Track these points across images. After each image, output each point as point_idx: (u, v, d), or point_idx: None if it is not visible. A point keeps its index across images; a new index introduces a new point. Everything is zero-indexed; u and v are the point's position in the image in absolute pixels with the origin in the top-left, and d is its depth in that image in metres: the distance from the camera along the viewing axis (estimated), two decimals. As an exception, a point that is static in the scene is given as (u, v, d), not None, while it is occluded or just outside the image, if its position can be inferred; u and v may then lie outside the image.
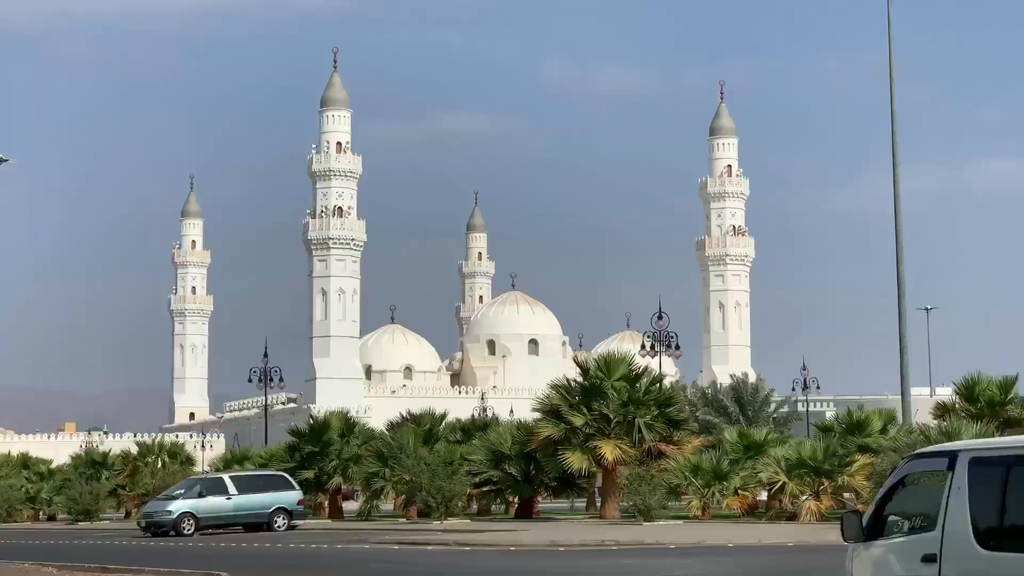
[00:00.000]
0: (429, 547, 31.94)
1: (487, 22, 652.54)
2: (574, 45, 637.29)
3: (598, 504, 45.54)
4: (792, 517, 35.54)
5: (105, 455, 66.18)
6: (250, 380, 77.12)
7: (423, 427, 48.84)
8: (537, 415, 42.98)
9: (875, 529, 11.20)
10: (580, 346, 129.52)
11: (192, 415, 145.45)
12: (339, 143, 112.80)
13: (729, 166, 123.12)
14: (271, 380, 76.57)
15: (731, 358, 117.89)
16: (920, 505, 10.96)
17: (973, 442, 11.93)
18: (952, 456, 10.60)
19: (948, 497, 10.41)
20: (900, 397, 44.64)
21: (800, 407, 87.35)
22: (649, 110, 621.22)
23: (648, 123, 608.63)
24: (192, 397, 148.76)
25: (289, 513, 44.19)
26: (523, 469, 43.95)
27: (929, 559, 10.42)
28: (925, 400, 63.64)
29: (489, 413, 76.82)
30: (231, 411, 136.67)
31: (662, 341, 58.61)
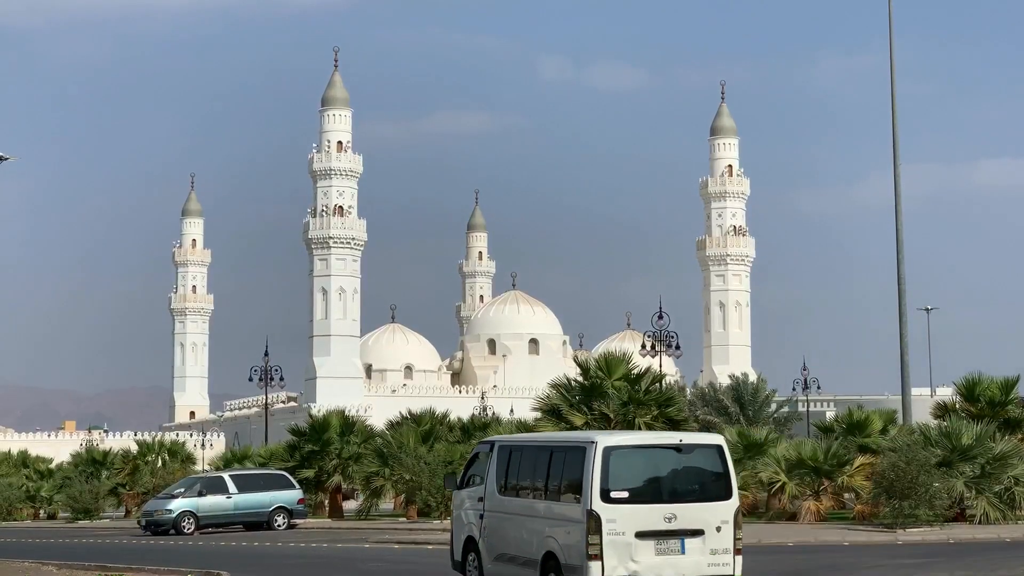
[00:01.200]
0: (429, 546, 31.95)
1: (487, 21, 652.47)
2: (575, 45, 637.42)
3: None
4: (792, 517, 35.54)
5: (105, 454, 66.17)
6: (250, 379, 77.21)
7: (423, 426, 48.84)
8: (537, 414, 42.93)
9: (463, 483, 20.35)
10: (580, 346, 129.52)
11: (192, 414, 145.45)
12: (340, 142, 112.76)
13: (730, 166, 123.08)
14: (271, 379, 76.61)
15: (731, 358, 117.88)
16: (479, 469, 19.83)
17: (502, 436, 22.43)
18: (492, 443, 19.80)
19: (488, 465, 19.44)
20: (900, 397, 44.64)
21: (800, 407, 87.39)
22: (650, 109, 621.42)
23: (649, 123, 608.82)
24: (192, 396, 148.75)
25: (289, 512, 44.22)
26: (523, 468, 43.96)
27: (481, 498, 19.47)
28: (925, 400, 63.64)
29: (489, 412, 76.83)
30: (231, 410, 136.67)
31: (662, 341, 58.61)
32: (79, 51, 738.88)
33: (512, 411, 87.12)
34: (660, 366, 52.18)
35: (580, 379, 41.91)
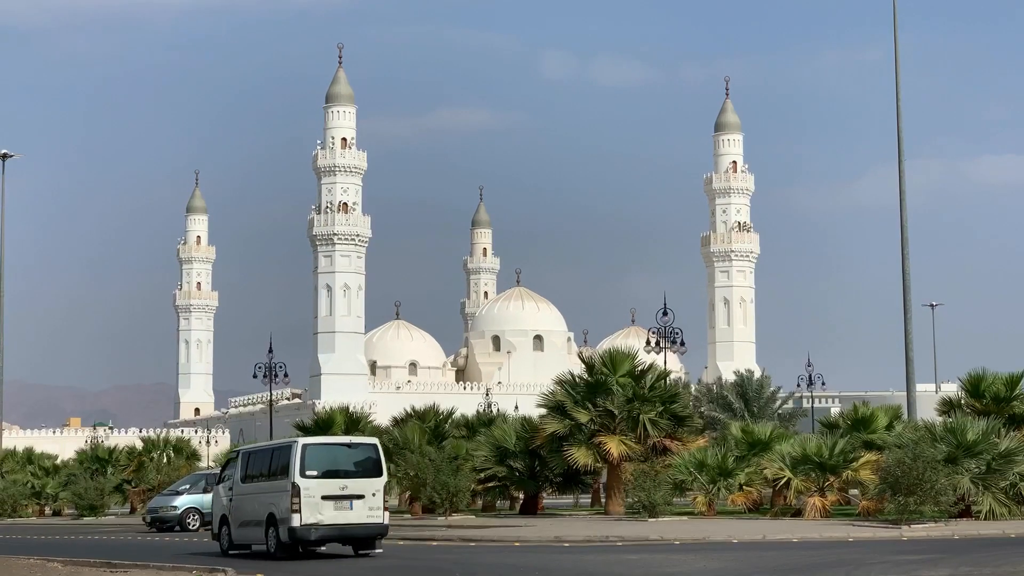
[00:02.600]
0: (434, 542, 31.95)
1: (491, 17, 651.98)
2: (578, 41, 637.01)
3: (603, 500, 45.53)
4: (797, 513, 35.51)
5: (110, 450, 66.22)
6: (255, 375, 77.27)
7: (428, 423, 48.82)
8: (542, 411, 42.94)
9: (219, 480, 29.90)
10: (585, 342, 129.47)
11: (197, 410, 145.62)
12: (344, 139, 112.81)
13: (734, 162, 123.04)
14: (276, 375, 76.63)
15: (736, 354, 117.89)
16: (231, 470, 29.44)
17: (245, 447, 31.48)
18: (238, 452, 29.92)
19: (236, 466, 28.97)
20: (905, 393, 44.63)
21: (805, 403, 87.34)
22: (654, 106, 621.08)
23: (653, 119, 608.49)
24: (197, 392, 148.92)
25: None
26: (528, 465, 43.95)
27: (231, 488, 28.78)
28: (930, 396, 63.61)
29: (494, 409, 76.76)
30: (236, 406, 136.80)
31: (667, 337, 58.56)
32: (84, 49, 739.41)
33: (517, 407, 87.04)
34: (664, 362, 52.16)
35: (585, 375, 41.89)
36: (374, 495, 26.50)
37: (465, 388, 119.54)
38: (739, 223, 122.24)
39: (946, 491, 30.66)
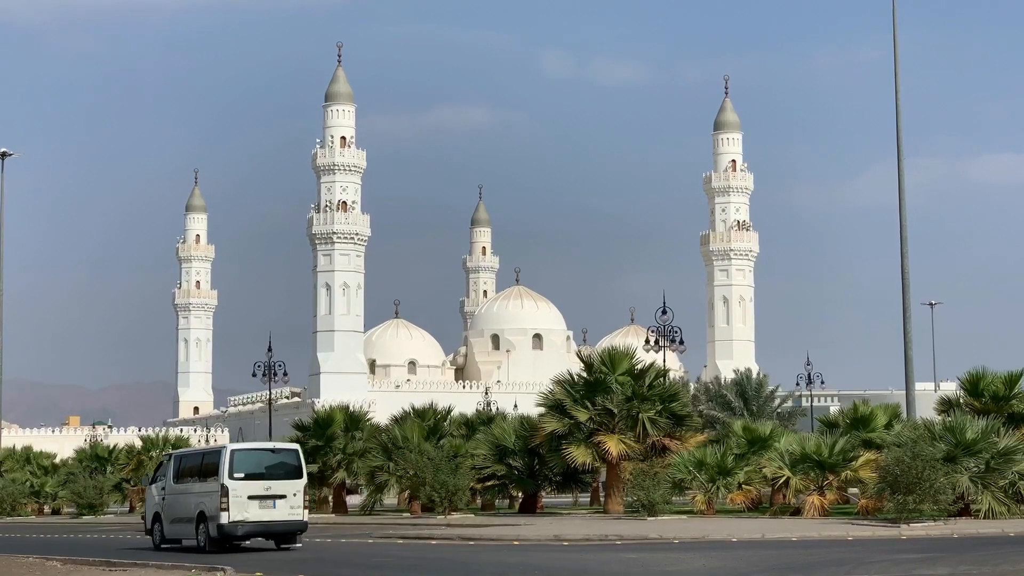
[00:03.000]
0: (433, 541, 31.95)
1: (489, 16, 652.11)
2: (577, 40, 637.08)
3: (602, 499, 45.53)
4: (796, 512, 35.52)
5: (109, 449, 66.26)
6: (254, 374, 77.29)
7: (427, 421, 48.82)
8: (541, 410, 42.94)
9: (153, 480, 32.63)
10: (584, 341, 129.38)
11: (196, 409, 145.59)
12: (343, 137, 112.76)
13: (733, 161, 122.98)
14: (275, 374, 76.66)
15: (735, 353, 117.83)
16: (163, 471, 32.08)
17: (177, 451, 35.49)
18: (171, 455, 32.45)
19: (168, 468, 31.60)
20: (904, 392, 44.60)
21: (804, 402, 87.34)
22: (654, 105, 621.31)
23: (652, 118, 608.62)
24: (196, 391, 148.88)
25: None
26: (527, 464, 43.95)
27: (163, 488, 31.29)
28: (929, 395, 63.58)
29: (493, 408, 76.74)
30: (235, 405, 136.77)
31: (666, 336, 58.60)
32: (82, 48, 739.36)
33: (516, 406, 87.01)
34: (664, 361, 52.18)
35: (584, 374, 41.89)
36: (295, 495, 29.28)
37: (464, 387, 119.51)
38: (738, 222, 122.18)
39: (945, 490, 30.66)
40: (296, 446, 31.27)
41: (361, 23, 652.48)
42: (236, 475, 28.73)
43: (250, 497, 28.73)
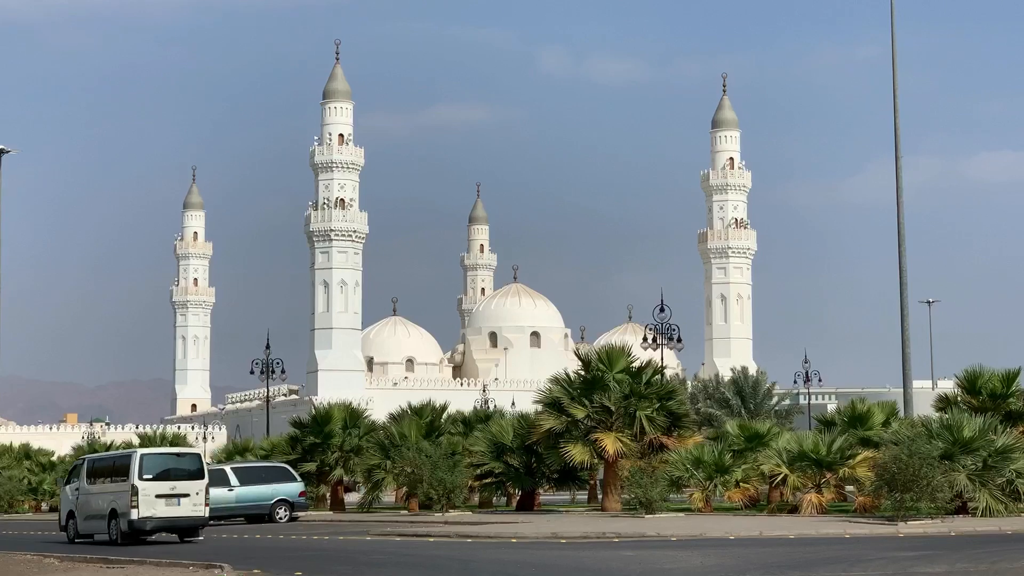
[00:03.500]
0: (431, 539, 31.95)
1: (487, 14, 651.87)
2: (575, 37, 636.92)
3: (599, 497, 45.53)
4: (793, 510, 35.52)
5: (107, 446, 66.17)
6: (252, 372, 77.27)
7: (425, 419, 48.78)
8: (538, 407, 42.90)
9: (68, 481, 35.95)
10: (582, 339, 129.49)
11: (194, 406, 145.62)
12: (341, 135, 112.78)
13: (731, 158, 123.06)
14: (273, 372, 76.63)
15: (733, 351, 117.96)
16: (76, 473, 35.62)
17: (90, 456, 38.67)
18: (84, 459, 36.39)
19: (83, 469, 35.06)
20: (902, 390, 44.60)
21: (801, 400, 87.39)
22: (651, 102, 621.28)
23: (650, 115, 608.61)
24: (194, 388, 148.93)
25: (291, 505, 44.25)
26: (525, 461, 43.93)
27: (77, 488, 34.83)
28: (927, 393, 63.57)
29: (491, 405, 76.75)
30: (233, 402, 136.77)
31: (664, 334, 58.61)
32: (79, 44, 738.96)
33: (513, 404, 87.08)
34: (661, 359, 52.19)
35: (581, 372, 41.85)
36: (197, 494, 32.57)
37: (462, 384, 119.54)
38: (736, 219, 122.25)
39: (942, 488, 30.66)
40: (199, 451, 35.91)
41: (359, 20, 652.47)
42: (145, 476, 32.05)
43: (157, 496, 32.01)
